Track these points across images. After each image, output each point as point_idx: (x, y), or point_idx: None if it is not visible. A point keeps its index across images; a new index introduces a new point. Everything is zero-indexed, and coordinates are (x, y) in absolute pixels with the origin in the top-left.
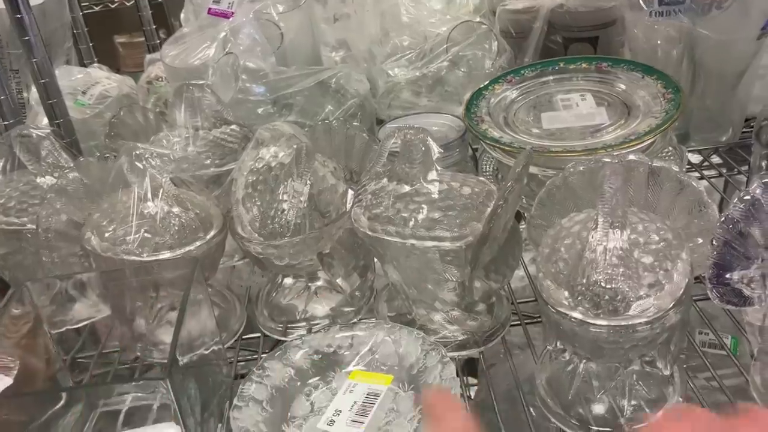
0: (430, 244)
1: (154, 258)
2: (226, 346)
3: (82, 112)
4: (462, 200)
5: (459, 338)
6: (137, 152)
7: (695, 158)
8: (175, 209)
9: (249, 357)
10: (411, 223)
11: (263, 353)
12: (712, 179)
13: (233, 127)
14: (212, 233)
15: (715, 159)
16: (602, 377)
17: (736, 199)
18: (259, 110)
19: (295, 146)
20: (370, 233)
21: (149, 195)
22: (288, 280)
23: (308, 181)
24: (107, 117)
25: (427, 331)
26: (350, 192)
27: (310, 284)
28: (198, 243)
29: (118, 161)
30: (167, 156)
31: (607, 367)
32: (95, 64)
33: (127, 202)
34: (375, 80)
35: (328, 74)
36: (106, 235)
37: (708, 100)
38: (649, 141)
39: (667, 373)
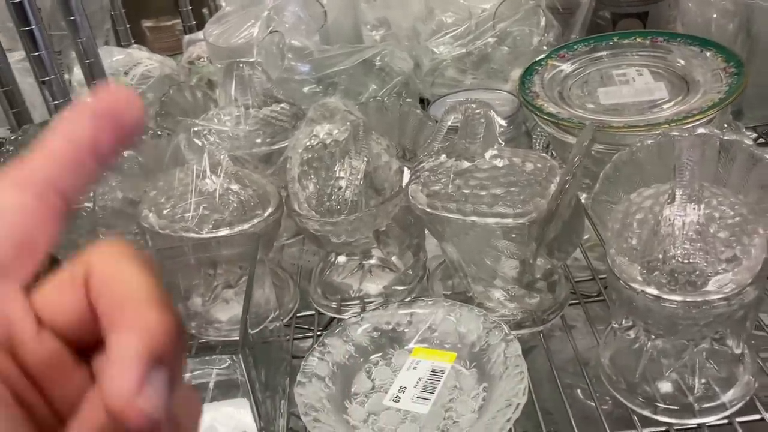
0: (492, 221)
1: (212, 235)
2: (282, 322)
3: None
4: (525, 176)
5: (518, 316)
6: (195, 129)
7: (752, 135)
8: (234, 186)
9: (302, 335)
10: (472, 200)
11: (318, 331)
12: None
13: (283, 105)
14: (270, 210)
15: None
16: (670, 355)
17: None
18: (305, 89)
19: (349, 123)
20: (429, 210)
21: (208, 172)
22: (341, 258)
23: (365, 158)
24: (150, 97)
25: (485, 309)
26: (406, 169)
27: (363, 262)
28: (256, 220)
29: (176, 138)
30: (225, 133)
31: (675, 345)
32: (134, 45)
33: (184, 179)
34: (418, 58)
35: (372, 52)
36: (164, 212)
37: (764, 76)
38: (712, 116)
39: (738, 351)
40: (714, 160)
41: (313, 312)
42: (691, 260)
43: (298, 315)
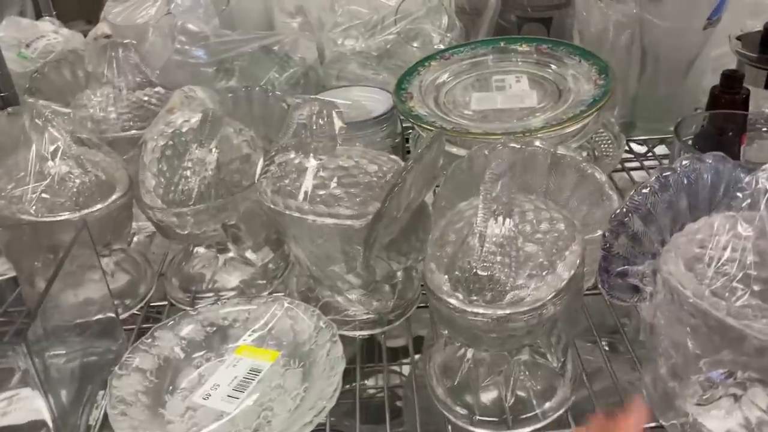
0: (330, 221)
1: (46, 219)
2: (131, 312)
3: (24, 65)
4: (367, 178)
5: (363, 317)
6: (36, 109)
7: (643, 148)
8: (76, 170)
9: (149, 325)
10: (313, 199)
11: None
12: (652, 170)
13: (157, 89)
14: (114, 197)
15: (663, 150)
16: (490, 365)
17: (633, 192)
18: (199, 74)
19: (201, 112)
20: (272, 206)
21: (48, 154)
22: (200, 249)
23: (213, 149)
24: None
25: (331, 308)
26: (260, 163)
27: (219, 255)
28: (98, 206)
29: (22, 119)
30: (68, 115)
31: (495, 355)
32: (47, 17)
33: (30, 161)
34: (324, 49)
35: (272, 40)
36: (3, 193)
37: (656, 89)
38: (576, 126)
39: (555, 364)
40: (545, 173)
41: (166, 302)
42: (489, 273)
43: (151, 304)
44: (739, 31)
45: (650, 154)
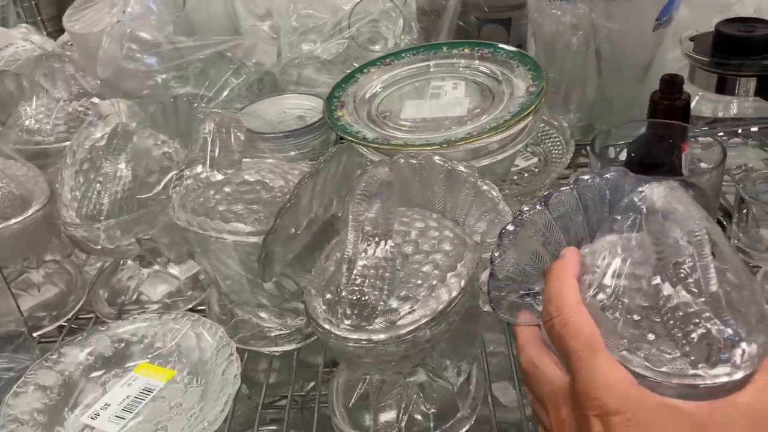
0: (229, 238)
1: None
2: (58, 324)
3: None
4: (270, 194)
5: (278, 332)
6: None
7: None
8: None
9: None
10: (214, 214)
11: None
12: None
13: (94, 99)
14: (29, 212)
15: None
16: (386, 386)
17: (522, 208)
18: (151, 82)
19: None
20: (177, 222)
21: None
22: (129, 261)
23: (123, 163)
24: None
25: (247, 324)
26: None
27: (143, 269)
28: (12, 221)
29: None
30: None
31: (392, 376)
32: (23, 24)
33: None
34: (282, 53)
35: (228, 45)
36: None
37: (613, 91)
38: (499, 137)
39: (450, 386)
40: (444, 189)
41: (92, 316)
42: (358, 297)
43: (79, 317)
44: (694, 31)
45: None
